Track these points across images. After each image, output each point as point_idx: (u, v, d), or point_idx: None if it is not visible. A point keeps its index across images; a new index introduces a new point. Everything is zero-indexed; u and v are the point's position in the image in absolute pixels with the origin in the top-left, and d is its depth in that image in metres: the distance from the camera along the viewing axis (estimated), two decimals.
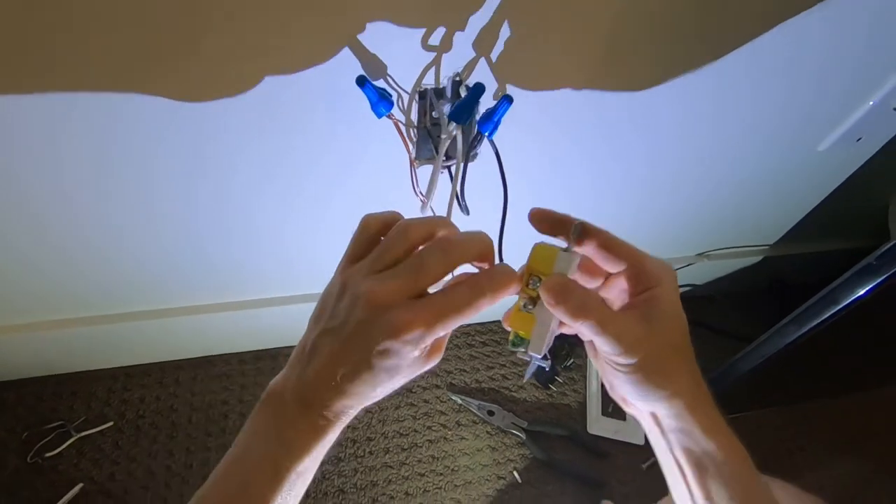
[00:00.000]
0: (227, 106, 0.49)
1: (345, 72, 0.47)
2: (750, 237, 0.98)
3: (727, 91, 0.60)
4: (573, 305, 0.30)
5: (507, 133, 0.57)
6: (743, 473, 0.33)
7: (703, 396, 0.33)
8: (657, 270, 0.33)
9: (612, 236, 0.34)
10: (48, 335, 0.77)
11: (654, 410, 0.34)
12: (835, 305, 0.55)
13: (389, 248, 0.31)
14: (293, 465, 0.31)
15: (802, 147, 0.73)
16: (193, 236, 0.66)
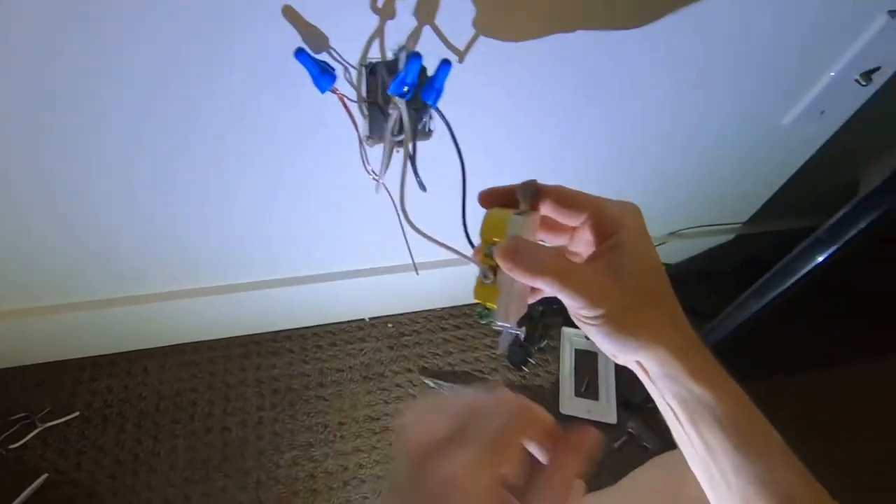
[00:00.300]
0: (164, 84, 0.47)
1: (286, 45, 0.45)
2: (722, 215, 0.98)
3: (686, 63, 0.59)
4: (528, 265, 0.30)
5: (464, 109, 0.56)
6: (737, 415, 0.31)
7: (688, 339, 0.32)
8: (620, 214, 0.32)
9: (566, 189, 0.34)
10: (11, 325, 0.75)
11: (637, 359, 0.33)
12: (791, 276, 0.55)
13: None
14: None
15: (766, 121, 0.72)
16: (153, 223, 0.65)
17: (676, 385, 0.32)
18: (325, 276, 0.84)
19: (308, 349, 0.94)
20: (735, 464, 0.31)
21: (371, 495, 0.80)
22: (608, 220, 0.32)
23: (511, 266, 0.30)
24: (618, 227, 0.31)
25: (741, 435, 0.31)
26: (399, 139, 0.54)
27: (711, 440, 0.32)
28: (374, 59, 0.50)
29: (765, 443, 0.32)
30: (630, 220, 0.32)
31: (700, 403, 0.31)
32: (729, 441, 0.31)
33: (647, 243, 0.32)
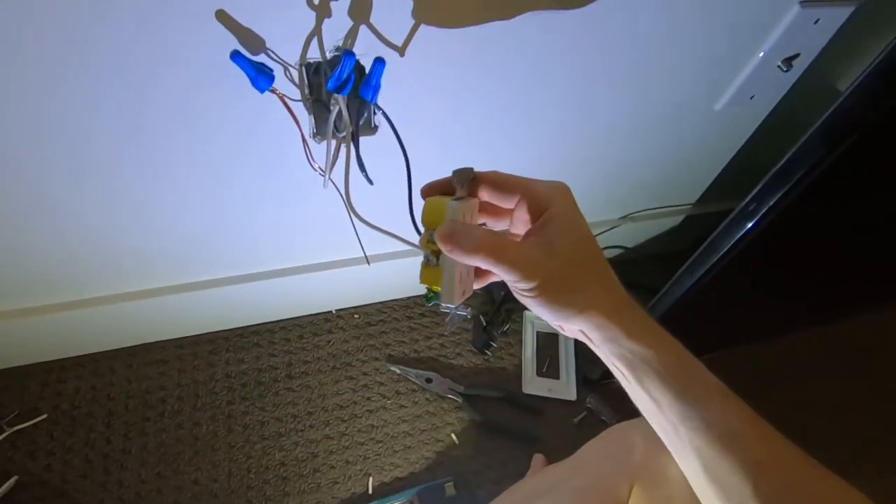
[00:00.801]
0: (107, 84, 0.48)
1: (223, 48, 0.47)
2: (671, 198, 1.02)
3: (621, 55, 0.62)
4: (465, 245, 0.32)
5: (408, 101, 0.58)
6: (674, 365, 0.33)
7: (622, 302, 0.34)
8: (548, 192, 0.35)
9: (500, 174, 0.36)
10: None
11: (578, 327, 0.35)
12: (716, 253, 0.59)
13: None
14: None
15: (700, 108, 0.76)
16: (116, 221, 0.65)
17: (617, 346, 0.34)
18: (290, 270, 0.86)
19: (276, 343, 0.95)
20: (680, 413, 0.34)
21: (341, 480, 0.83)
22: (539, 198, 0.35)
23: (450, 247, 0.32)
24: (548, 204, 0.34)
25: (681, 384, 0.33)
26: (343, 135, 0.56)
27: (656, 394, 0.34)
28: (316, 58, 0.52)
29: (703, 388, 0.34)
30: (559, 197, 0.35)
31: (641, 360, 0.34)
32: (671, 391, 0.34)
33: (576, 217, 0.35)
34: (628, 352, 0.34)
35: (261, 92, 0.48)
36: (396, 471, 0.85)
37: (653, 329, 0.35)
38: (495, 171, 0.37)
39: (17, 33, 0.42)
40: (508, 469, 0.86)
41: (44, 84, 0.47)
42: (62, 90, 0.48)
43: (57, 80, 0.47)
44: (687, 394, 0.33)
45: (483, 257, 0.32)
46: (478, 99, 0.64)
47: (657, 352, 0.33)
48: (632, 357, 0.34)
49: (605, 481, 0.62)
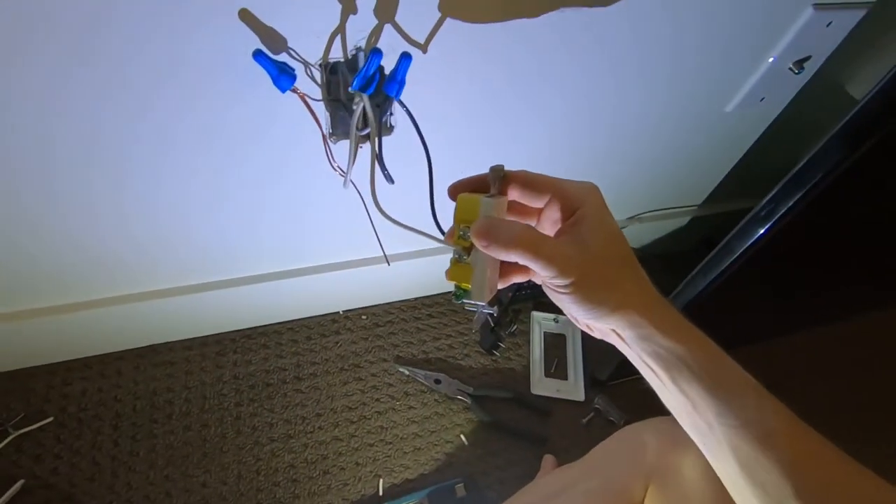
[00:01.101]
0: (123, 88, 0.48)
1: (246, 48, 0.47)
2: (678, 199, 1.02)
3: (637, 56, 0.62)
4: (503, 239, 0.32)
5: (426, 100, 0.58)
6: (708, 362, 0.33)
7: (654, 300, 0.34)
8: (579, 192, 0.35)
9: (530, 173, 0.36)
10: None
11: (611, 326, 0.35)
12: (732, 254, 0.59)
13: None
14: None
15: (711, 109, 0.76)
16: (123, 222, 0.65)
17: (650, 344, 0.34)
18: (298, 271, 0.85)
19: (284, 344, 0.95)
20: (715, 411, 0.33)
21: (351, 482, 0.83)
22: (570, 197, 0.35)
23: (486, 243, 0.32)
24: (579, 203, 0.34)
25: (715, 381, 0.33)
26: (364, 133, 0.56)
27: (690, 392, 0.34)
28: (335, 58, 0.52)
29: (738, 385, 0.34)
30: (590, 196, 0.35)
31: (674, 356, 0.33)
32: (705, 389, 0.33)
33: (607, 215, 0.35)
34: (662, 349, 0.34)
35: (282, 91, 0.48)
36: (406, 472, 0.84)
37: (685, 326, 0.34)
38: (525, 170, 0.37)
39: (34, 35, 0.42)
40: (518, 470, 0.86)
41: (48, 86, 0.46)
42: (66, 91, 0.47)
43: (60, 80, 0.46)
44: (721, 391, 0.33)
45: (521, 252, 0.32)
46: (488, 98, 0.64)
47: (690, 348, 0.33)
48: (665, 354, 0.34)
49: (619, 482, 0.62)
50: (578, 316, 0.35)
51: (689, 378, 0.33)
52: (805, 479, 0.31)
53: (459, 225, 0.35)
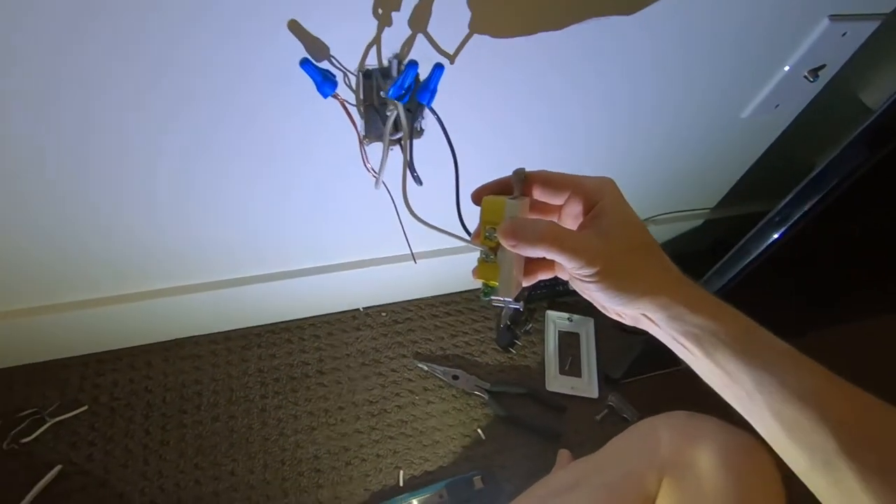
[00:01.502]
0: (179, 96, 0.51)
1: (291, 55, 0.50)
2: (692, 201, 1.05)
3: (657, 63, 0.65)
4: (529, 236, 0.34)
5: (451, 107, 0.61)
6: (742, 334, 0.34)
7: (680, 281, 0.35)
8: (597, 185, 0.37)
9: (548, 172, 0.39)
10: (16, 324, 0.78)
11: (641, 311, 0.36)
12: (748, 256, 0.61)
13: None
14: None
15: (727, 115, 0.79)
16: (155, 220, 0.68)
17: (683, 324, 0.35)
18: (321, 268, 0.88)
19: (306, 339, 0.98)
20: (754, 379, 0.33)
21: (372, 473, 0.85)
22: (589, 191, 0.37)
23: (514, 241, 0.35)
24: (598, 196, 0.36)
25: (751, 352, 0.33)
26: (396, 137, 0.58)
27: (727, 364, 0.34)
28: (370, 65, 0.55)
29: (775, 352, 0.34)
30: (607, 189, 0.36)
31: (708, 333, 0.34)
32: (742, 360, 0.34)
33: (625, 206, 0.36)
34: (694, 327, 0.34)
35: (324, 97, 0.51)
36: (426, 464, 0.87)
37: (714, 302, 0.35)
38: (544, 170, 0.39)
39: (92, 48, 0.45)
40: (534, 464, 0.89)
41: (120, 94, 0.49)
42: (132, 98, 0.50)
43: (134, 90, 0.49)
44: (758, 360, 0.33)
45: (547, 246, 0.34)
46: (511, 103, 0.66)
47: (722, 323, 0.34)
48: (698, 332, 0.34)
49: (634, 475, 0.63)
50: (607, 304, 0.36)
51: (724, 351, 0.34)
52: (850, 435, 0.31)
53: (486, 226, 0.37)
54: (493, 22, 0.54)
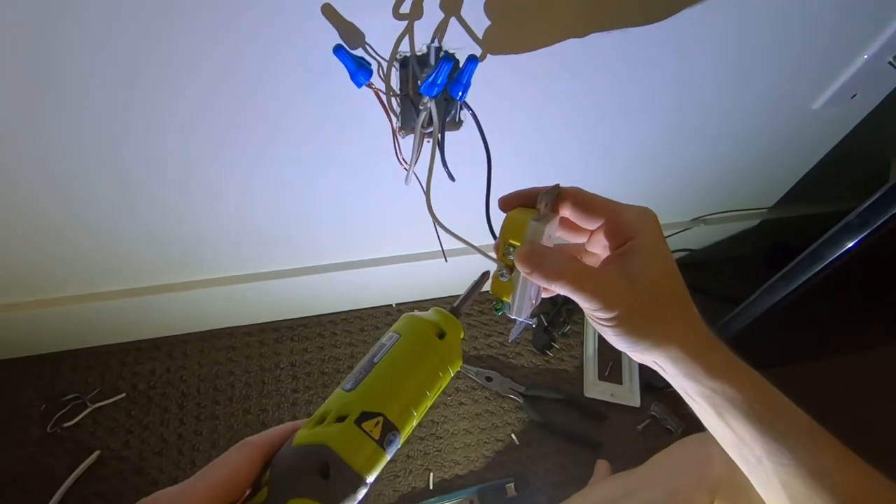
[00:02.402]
0: (210, 84, 0.49)
1: (323, 42, 0.47)
2: (748, 200, 0.97)
3: (716, 45, 0.59)
4: (545, 270, 0.32)
5: (488, 99, 0.57)
6: (759, 403, 0.32)
7: (701, 339, 0.33)
8: (634, 221, 0.33)
9: (583, 195, 0.35)
10: (61, 311, 0.80)
11: (654, 360, 0.34)
12: (821, 261, 0.55)
13: None
14: None
15: (797, 105, 0.72)
16: (192, 214, 0.68)
17: (694, 383, 0.33)
18: (355, 263, 0.87)
19: (338, 334, 0.97)
20: (765, 448, 0.33)
21: (402, 474, 0.83)
22: (623, 226, 0.33)
23: (529, 270, 0.32)
24: (633, 233, 0.33)
25: (766, 421, 0.32)
26: (430, 131, 0.55)
27: (738, 428, 0.33)
28: (405, 52, 0.52)
29: (791, 425, 0.33)
30: (645, 226, 0.33)
31: (721, 397, 0.33)
32: (755, 429, 0.32)
33: (660, 248, 0.33)
34: (708, 389, 0.33)
35: (358, 86, 0.48)
36: (456, 468, 0.85)
37: (734, 365, 0.33)
38: (578, 188, 0.35)
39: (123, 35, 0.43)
40: (570, 473, 0.85)
41: (156, 86, 0.48)
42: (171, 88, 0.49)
43: (169, 80, 0.48)
44: (773, 431, 0.32)
45: (564, 284, 0.31)
46: (557, 97, 0.62)
47: (740, 389, 0.32)
48: (712, 394, 0.33)
49: (682, 494, 0.60)
50: (618, 347, 0.34)
51: (738, 417, 0.33)
52: None
53: (505, 244, 0.35)
54: (539, 18, 0.50)
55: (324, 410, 0.27)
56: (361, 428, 0.26)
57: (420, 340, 0.31)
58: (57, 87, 0.47)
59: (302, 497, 0.24)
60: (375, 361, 0.29)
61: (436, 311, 0.33)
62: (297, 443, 0.26)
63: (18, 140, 0.52)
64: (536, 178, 0.37)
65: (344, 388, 0.28)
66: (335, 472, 0.25)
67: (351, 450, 0.26)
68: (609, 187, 0.80)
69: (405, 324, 0.31)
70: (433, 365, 0.30)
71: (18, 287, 0.76)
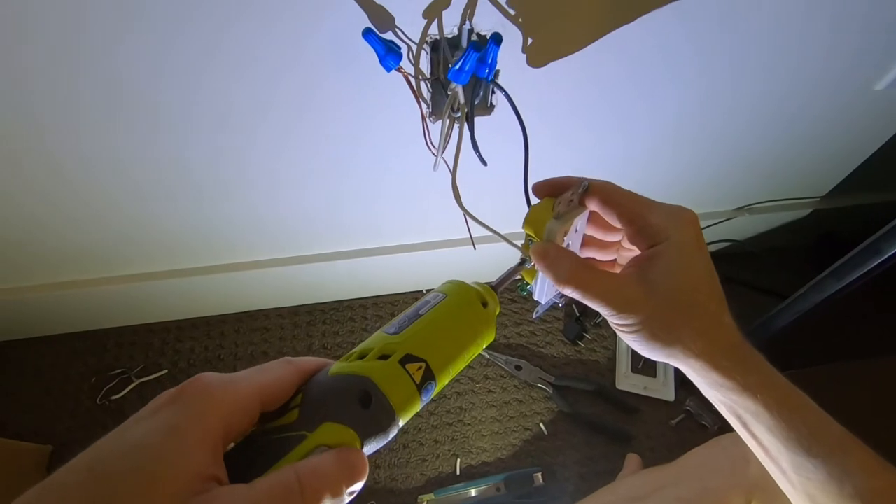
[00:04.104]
0: (235, 65, 0.50)
1: (354, 25, 0.47)
2: (797, 189, 0.92)
3: (775, 21, 0.55)
4: (555, 272, 0.31)
5: (522, 79, 0.56)
6: (787, 418, 0.31)
7: (728, 351, 0.31)
8: (663, 225, 0.31)
9: (612, 191, 0.33)
10: (111, 290, 0.83)
11: (675, 366, 0.33)
12: (878, 256, 0.52)
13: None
14: None
15: (857, 86, 0.66)
16: (232, 202, 0.69)
17: (718, 393, 0.32)
18: (385, 249, 0.87)
19: (368, 318, 0.98)
20: (792, 462, 0.31)
21: (430, 458, 0.84)
22: (652, 229, 0.31)
23: (541, 268, 0.32)
24: (661, 237, 0.31)
25: (793, 437, 0.31)
26: (458, 115, 0.54)
27: (763, 440, 0.32)
28: (435, 35, 0.50)
29: (822, 441, 0.31)
30: (676, 231, 0.31)
31: (745, 411, 0.31)
32: (781, 444, 0.31)
33: (689, 255, 0.31)
34: (733, 403, 0.31)
35: (388, 70, 0.47)
36: (483, 455, 0.85)
37: (765, 381, 0.31)
38: (609, 183, 0.33)
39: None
40: (599, 466, 0.84)
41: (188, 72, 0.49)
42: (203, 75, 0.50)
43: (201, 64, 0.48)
44: (800, 447, 0.31)
45: (572, 289, 0.31)
46: (597, 79, 0.60)
47: (766, 404, 0.31)
48: (735, 406, 0.31)
49: (715, 493, 0.58)
50: (639, 352, 0.33)
51: (763, 430, 0.31)
52: None
53: (527, 235, 0.34)
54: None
55: (364, 347, 0.27)
56: (405, 368, 0.26)
57: (466, 303, 0.30)
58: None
59: (337, 422, 0.23)
60: (421, 313, 0.29)
61: (480, 284, 0.32)
62: (338, 372, 0.25)
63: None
64: (573, 163, 0.35)
65: (386, 331, 0.28)
66: (376, 404, 0.24)
67: (393, 387, 0.25)
68: (650, 173, 0.77)
69: (452, 287, 0.31)
70: (475, 329, 0.30)
71: (68, 266, 0.80)
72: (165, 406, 0.21)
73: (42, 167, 0.59)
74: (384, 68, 0.47)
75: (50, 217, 0.67)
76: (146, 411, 0.21)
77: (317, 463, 0.21)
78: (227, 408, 0.21)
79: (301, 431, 0.22)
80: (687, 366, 0.31)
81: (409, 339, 0.27)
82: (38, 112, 0.52)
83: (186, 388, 0.21)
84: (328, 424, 0.23)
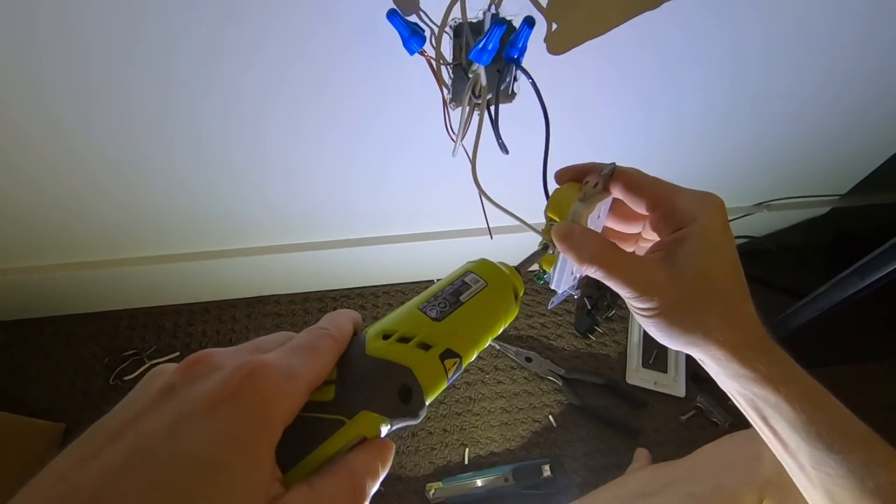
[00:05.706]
0: (252, 43, 0.49)
1: (378, 5, 0.46)
2: (817, 186, 0.90)
3: (807, 7, 0.53)
4: (578, 251, 0.30)
5: (547, 67, 0.55)
6: (808, 412, 0.30)
7: (751, 342, 0.30)
8: (690, 208, 0.31)
9: (637, 175, 0.32)
10: (124, 272, 0.84)
11: (695, 355, 0.32)
12: None
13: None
14: None
15: (886, 85, 0.65)
16: (243, 184, 0.69)
17: (737, 384, 0.31)
18: (401, 237, 0.87)
19: (379, 307, 0.98)
20: (812, 458, 0.31)
21: (438, 447, 0.84)
22: (678, 213, 0.31)
23: (563, 248, 0.31)
24: (687, 220, 0.30)
25: (814, 433, 0.30)
26: (479, 101, 0.53)
27: (783, 435, 0.31)
28: (458, 19, 0.50)
29: (844, 438, 0.30)
30: (703, 216, 0.30)
31: (766, 404, 0.31)
32: (802, 439, 0.31)
33: (716, 240, 0.30)
34: (754, 395, 0.31)
35: (411, 53, 0.46)
36: (492, 445, 0.85)
37: (788, 375, 0.30)
38: (635, 169, 0.33)
39: None
40: (606, 458, 0.84)
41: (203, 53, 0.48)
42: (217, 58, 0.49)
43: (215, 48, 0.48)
44: (821, 443, 0.30)
45: (596, 269, 0.30)
46: (622, 68, 0.59)
47: (786, 397, 0.30)
48: (755, 398, 0.31)
49: (726, 491, 0.58)
50: (657, 339, 0.32)
51: (784, 424, 0.31)
52: None
53: (549, 219, 0.34)
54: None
55: (407, 330, 0.25)
56: (444, 364, 0.25)
57: (504, 299, 0.29)
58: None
59: (375, 412, 0.22)
60: (462, 300, 0.27)
61: (507, 266, 0.31)
62: (376, 355, 0.24)
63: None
64: (592, 156, 0.35)
65: (428, 314, 0.26)
66: (416, 400, 0.24)
67: (432, 383, 0.25)
68: (670, 166, 0.76)
69: (491, 274, 0.29)
70: (502, 324, 0.29)
71: (81, 248, 0.80)
72: (224, 403, 0.19)
73: (56, 147, 0.59)
74: (407, 51, 0.47)
75: (62, 198, 0.67)
76: (199, 405, 0.19)
77: (366, 464, 0.21)
78: (290, 408, 0.20)
79: (339, 416, 0.21)
80: (707, 354, 0.31)
81: (453, 331, 0.26)
82: (49, 98, 0.52)
83: (247, 386, 0.19)
84: (366, 413, 0.22)
